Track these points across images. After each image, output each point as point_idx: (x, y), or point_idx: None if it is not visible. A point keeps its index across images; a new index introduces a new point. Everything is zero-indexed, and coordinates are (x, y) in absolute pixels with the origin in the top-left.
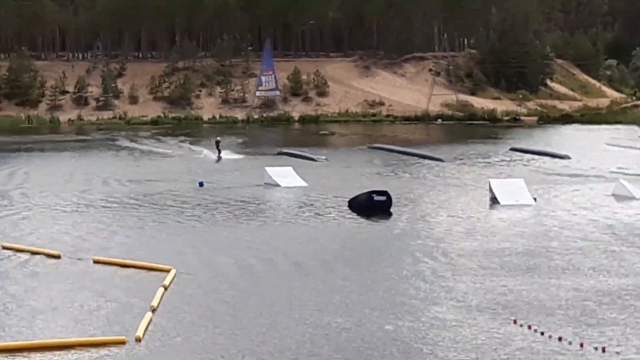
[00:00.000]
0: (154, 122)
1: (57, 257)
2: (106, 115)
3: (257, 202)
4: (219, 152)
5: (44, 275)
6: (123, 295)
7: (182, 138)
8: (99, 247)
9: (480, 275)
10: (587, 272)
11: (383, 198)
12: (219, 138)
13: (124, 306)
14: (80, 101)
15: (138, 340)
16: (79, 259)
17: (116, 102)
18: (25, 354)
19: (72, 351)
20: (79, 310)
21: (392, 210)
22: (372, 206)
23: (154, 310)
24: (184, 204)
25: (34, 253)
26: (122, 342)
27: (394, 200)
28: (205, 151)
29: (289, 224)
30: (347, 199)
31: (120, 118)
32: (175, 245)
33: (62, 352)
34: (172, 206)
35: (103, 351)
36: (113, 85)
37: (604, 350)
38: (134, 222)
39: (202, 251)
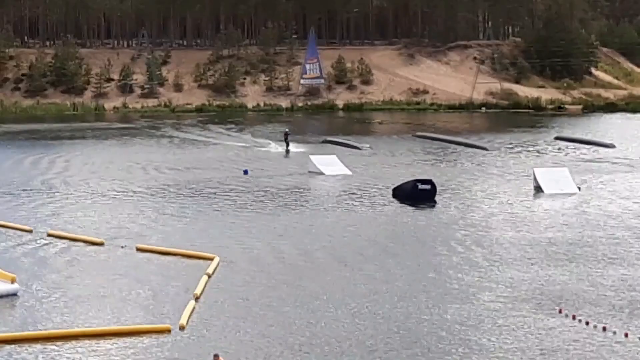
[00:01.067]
0: (199, 109)
1: (101, 244)
2: (151, 103)
3: (301, 190)
4: (287, 145)
5: (87, 263)
6: (166, 283)
7: (239, 127)
8: (142, 235)
9: (525, 264)
10: (633, 262)
11: (428, 187)
12: (287, 130)
13: (167, 294)
14: (125, 89)
15: (182, 328)
16: (122, 247)
17: (161, 89)
18: (70, 341)
19: (117, 339)
20: (123, 298)
21: (436, 198)
22: (416, 195)
23: (197, 299)
24: (229, 192)
25: (77, 240)
26: (167, 330)
27: (438, 189)
28: (273, 144)
29: (332, 213)
30: (392, 188)
31: (165, 106)
32: (219, 233)
33: (107, 340)
34: (216, 194)
35: (148, 339)
36: (158, 72)
37: None
38: (177, 209)
39: (246, 239)
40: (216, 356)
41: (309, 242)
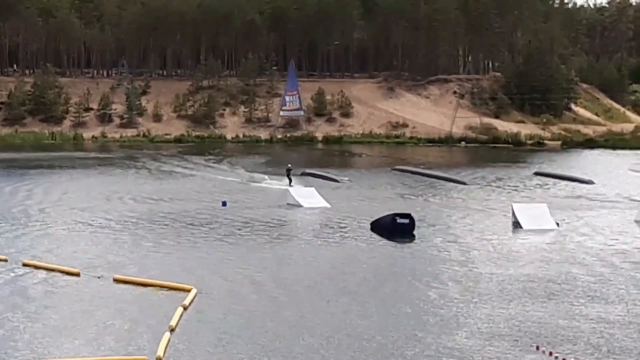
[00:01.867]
0: (178, 140)
1: (77, 274)
2: (130, 132)
3: (279, 222)
4: (290, 182)
5: (63, 293)
6: (143, 314)
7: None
8: (119, 265)
9: (502, 300)
10: (611, 300)
11: (406, 221)
12: (290, 166)
13: (144, 325)
14: (104, 118)
15: None
16: (98, 277)
17: (140, 119)
18: None
19: None
20: (99, 329)
21: (415, 233)
22: (395, 229)
23: (172, 330)
24: (207, 224)
25: (53, 270)
26: None
27: (417, 223)
28: (268, 179)
29: (310, 245)
30: (370, 221)
31: (144, 136)
32: (197, 264)
33: None
34: (194, 225)
35: None
36: (137, 102)
37: None
38: (155, 240)
39: (223, 271)
40: None
41: (287, 275)
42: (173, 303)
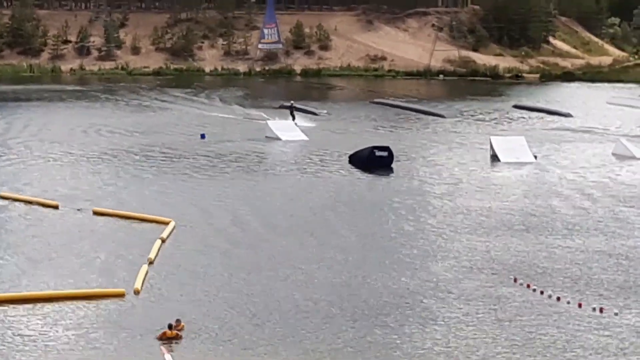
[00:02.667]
0: (156, 73)
1: (55, 207)
2: (108, 65)
3: (258, 155)
4: (293, 118)
5: (42, 226)
6: (122, 247)
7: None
8: (98, 198)
9: (480, 234)
10: (587, 232)
11: (385, 153)
12: (292, 102)
13: (123, 258)
14: (83, 51)
15: (137, 292)
16: (78, 210)
17: (118, 52)
18: (23, 305)
19: (72, 303)
20: (77, 262)
21: (393, 165)
22: (373, 161)
23: (151, 263)
24: (186, 157)
25: (31, 203)
26: (122, 295)
27: (395, 155)
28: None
29: (288, 178)
30: (348, 154)
31: (122, 69)
32: (176, 197)
33: (62, 304)
34: (173, 158)
35: (103, 303)
36: (115, 35)
37: (601, 310)
38: (134, 173)
39: (202, 204)
40: (178, 321)
41: (265, 208)
42: (152, 236)
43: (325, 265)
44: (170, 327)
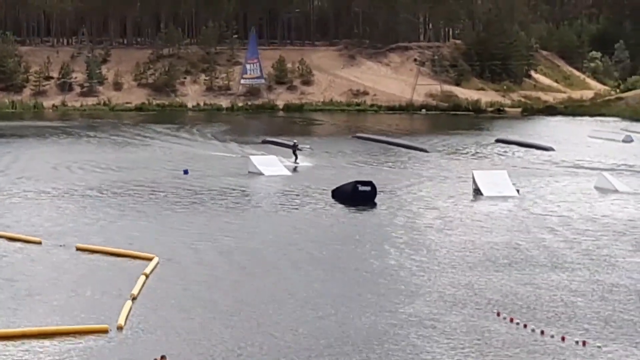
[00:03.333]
0: (138, 108)
1: (38, 243)
2: (90, 101)
3: (241, 190)
4: (296, 158)
5: (24, 262)
6: (105, 283)
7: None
8: (81, 234)
9: (463, 268)
10: (570, 266)
11: (368, 188)
12: (296, 141)
13: (106, 294)
14: (65, 87)
15: (120, 328)
16: (61, 246)
17: (100, 88)
18: (5, 341)
19: (55, 339)
20: (61, 298)
21: (376, 200)
22: (356, 196)
23: (134, 299)
24: (169, 192)
25: (15, 239)
26: (105, 331)
27: (378, 190)
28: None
29: (271, 213)
30: (331, 189)
31: (104, 104)
32: (159, 233)
33: (44, 341)
34: (156, 194)
35: (86, 339)
36: (97, 71)
37: (584, 344)
38: (118, 209)
39: (185, 239)
40: (163, 357)
41: (248, 243)
42: (135, 272)
43: (309, 300)
44: None
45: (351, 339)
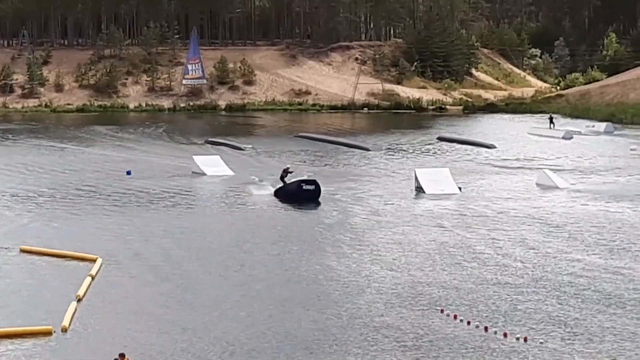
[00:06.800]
0: (80, 110)
1: None
2: (32, 103)
3: (184, 191)
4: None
5: None
6: (50, 284)
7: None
8: (25, 236)
9: (406, 266)
10: (513, 263)
11: (312, 187)
12: (289, 166)
13: (51, 296)
14: (5, 89)
15: (64, 330)
16: (5, 248)
17: (42, 89)
18: None
19: None
20: (5, 300)
21: (320, 199)
22: (300, 195)
23: (79, 300)
24: (112, 193)
25: None
26: (49, 332)
27: (322, 189)
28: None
29: (214, 213)
30: (274, 188)
31: (45, 106)
32: (103, 234)
33: None
34: (100, 195)
35: (30, 341)
36: (39, 72)
37: (525, 340)
38: (62, 211)
39: (129, 240)
40: (122, 355)
41: (191, 243)
42: (80, 273)
43: (251, 299)
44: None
45: (293, 340)
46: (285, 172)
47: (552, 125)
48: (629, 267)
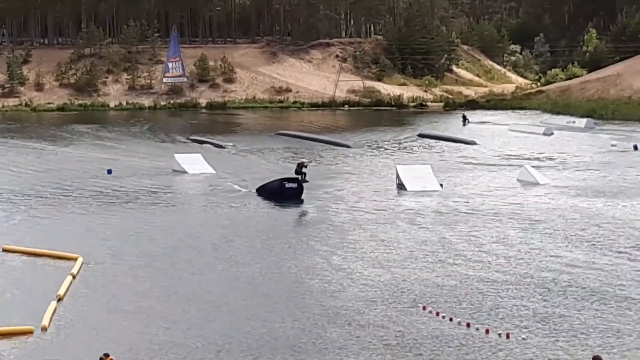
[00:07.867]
0: (61, 109)
1: None
2: (12, 102)
3: (165, 189)
4: (304, 175)
5: None
6: (31, 283)
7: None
8: (7, 235)
9: (387, 263)
10: (495, 259)
11: (294, 185)
12: (304, 160)
13: (32, 295)
14: None
15: (44, 329)
16: None
17: (22, 89)
18: None
19: None
20: None
21: (302, 197)
22: (283, 193)
23: (60, 299)
24: (93, 192)
25: None
26: (30, 332)
27: (304, 187)
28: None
29: (196, 212)
30: (256, 186)
31: (26, 105)
32: (84, 233)
33: None
34: (80, 194)
35: (10, 341)
36: (18, 71)
37: (507, 336)
38: (43, 210)
39: (109, 239)
40: (106, 355)
41: (173, 241)
42: (61, 272)
43: (233, 296)
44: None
45: (275, 337)
46: (300, 166)
47: (465, 123)
48: (611, 263)
